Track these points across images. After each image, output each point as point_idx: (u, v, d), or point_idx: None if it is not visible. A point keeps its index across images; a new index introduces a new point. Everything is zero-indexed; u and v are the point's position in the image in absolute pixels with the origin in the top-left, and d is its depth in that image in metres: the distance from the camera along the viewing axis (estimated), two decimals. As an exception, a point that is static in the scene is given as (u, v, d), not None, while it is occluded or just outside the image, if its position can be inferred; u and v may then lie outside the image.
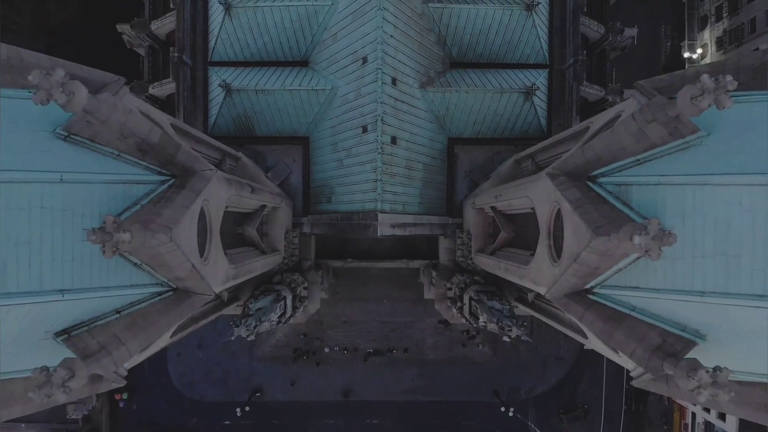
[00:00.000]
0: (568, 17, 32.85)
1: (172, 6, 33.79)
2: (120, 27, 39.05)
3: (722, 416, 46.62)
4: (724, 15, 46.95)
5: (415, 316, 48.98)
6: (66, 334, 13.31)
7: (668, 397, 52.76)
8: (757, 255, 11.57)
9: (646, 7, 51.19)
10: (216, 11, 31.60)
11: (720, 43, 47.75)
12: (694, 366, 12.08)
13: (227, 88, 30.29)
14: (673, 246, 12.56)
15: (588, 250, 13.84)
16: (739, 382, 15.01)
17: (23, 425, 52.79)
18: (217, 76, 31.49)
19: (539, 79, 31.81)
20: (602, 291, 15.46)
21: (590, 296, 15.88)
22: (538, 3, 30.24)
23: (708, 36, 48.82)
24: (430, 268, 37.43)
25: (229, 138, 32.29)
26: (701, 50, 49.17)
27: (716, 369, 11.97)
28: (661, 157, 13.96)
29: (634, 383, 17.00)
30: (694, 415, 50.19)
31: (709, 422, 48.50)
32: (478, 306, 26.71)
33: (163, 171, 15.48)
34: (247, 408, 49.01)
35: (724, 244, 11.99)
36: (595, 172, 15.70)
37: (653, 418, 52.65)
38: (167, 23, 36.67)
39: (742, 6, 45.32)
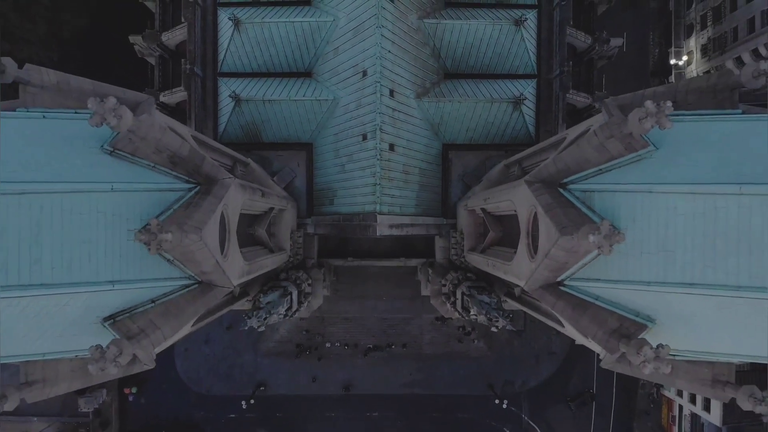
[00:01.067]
0: (554, 30, 35.38)
1: (183, 20, 36.24)
2: (132, 38, 41.53)
3: (707, 408, 49.16)
4: (709, 24, 49.49)
5: (413, 312, 51.44)
6: (112, 320, 15.81)
7: (657, 391, 55.36)
8: (687, 251, 14.05)
9: (635, 15, 53.75)
10: (225, 26, 34.09)
11: (705, 51, 50.31)
12: (641, 344, 14.60)
13: (236, 99, 32.80)
14: (624, 244, 15.15)
15: (556, 247, 16.36)
16: (688, 361, 17.55)
17: (35, 419, 55.29)
18: (226, 87, 33.99)
19: (527, 89, 34.33)
20: (571, 283, 17.97)
21: (561, 288, 18.40)
22: (526, 19, 32.78)
23: (693, 43, 51.37)
24: (426, 266, 39.84)
25: (238, 144, 34.79)
26: (687, 57, 51.73)
27: (659, 346, 14.49)
28: (619, 167, 16.48)
29: (602, 365, 19.49)
30: (681, 407, 52.73)
31: (695, 414, 51.02)
32: (469, 300, 29.24)
33: (190, 180, 17.99)
34: (252, 401, 51.46)
35: (664, 243, 14.48)
36: (565, 180, 18.21)
37: (643, 411, 55.15)
38: (177, 35, 39.18)
39: (725, 15, 47.86)
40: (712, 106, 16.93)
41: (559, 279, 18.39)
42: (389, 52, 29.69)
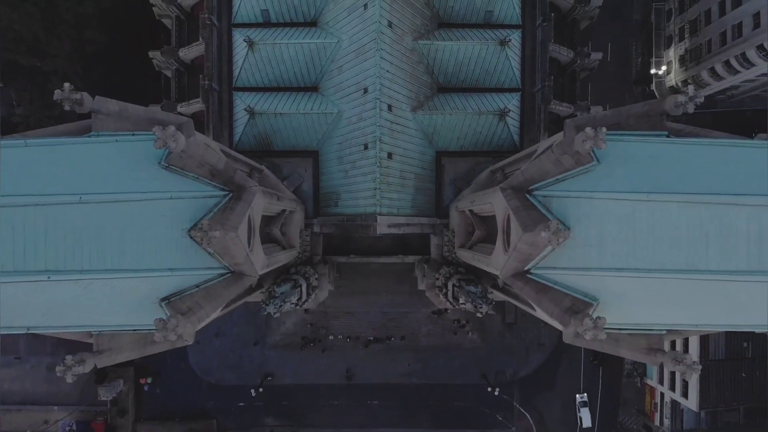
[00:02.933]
0: (537, 48, 39.85)
1: (201, 39, 40.61)
2: (152, 53, 45.92)
3: (685, 395, 53.66)
4: (686, 36, 54.00)
5: (411, 307, 55.66)
6: (167, 300, 20.24)
7: (641, 380, 59.88)
8: (616, 243, 18.43)
9: (619, 27, 58.26)
10: (240, 46, 38.54)
11: (682, 61, 54.80)
12: (583, 317, 19.06)
13: (251, 112, 37.26)
14: (572, 239, 19.64)
15: (521, 241, 20.82)
16: (630, 334, 22.02)
17: (56, 408, 59.90)
18: (241, 101, 38.44)
19: (512, 102, 38.81)
20: (536, 271, 22.42)
21: (528, 275, 22.86)
22: (510, 39, 37.27)
23: (672, 54, 55.87)
24: (422, 262, 44.23)
25: (250, 151, 39.21)
26: (666, 67, 56.22)
27: (597, 318, 18.96)
28: (571, 178, 20.91)
29: (564, 340, 23.88)
30: (662, 395, 57.21)
31: (675, 401, 55.54)
32: (458, 290, 33.71)
33: (225, 188, 22.44)
34: (261, 389, 55.89)
35: (600, 237, 18.86)
36: (531, 187, 22.67)
37: (627, 399, 59.67)
38: (193, 51, 43.59)
39: (700, 28, 52.36)
40: (646, 128, 21.35)
41: (526, 268, 22.85)
42: (387, 71, 34.16)
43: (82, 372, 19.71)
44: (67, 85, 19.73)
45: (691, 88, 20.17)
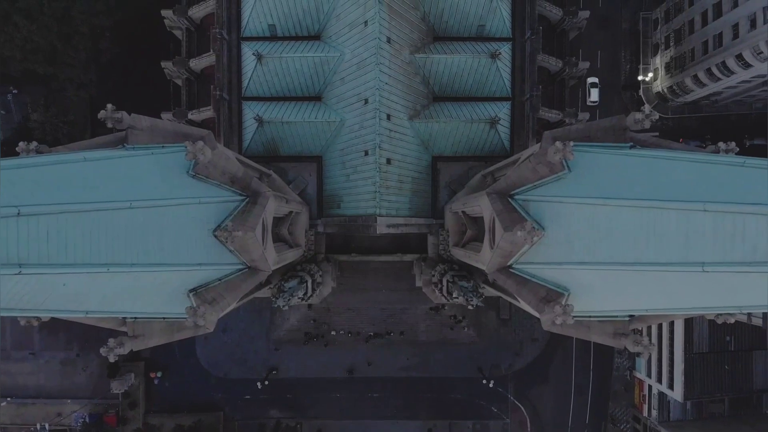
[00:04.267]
0: (526, 60, 43.24)
1: (212, 51, 43.98)
2: (164, 63, 49.34)
3: (671, 386, 57.06)
4: (671, 44, 57.39)
5: (410, 303, 59.10)
6: (194, 291, 23.62)
7: (630, 373, 63.29)
8: (581, 240, 21.78)
9: (609, 36, 61.69)
10: (249, 59, 41.95)
11: (668, 68, 58.18)
12: (554, 305, 22.47)
13: (260, 120, 40.67)
14: (547, 237, 23.03)
15: (502, 240, 24.20)
16: (599, 321, 25.44)
17: (69, 401, 63.32)
18: (250, 110, 41.85)
19: (503, 110, 42.21)
20: (516, 266, 25.82)
21: (510, 270, 26.26)
22: (500, 53, 40.65)
23: (659, 61, 59.25)
24: (420, 260, 47.62)
25: (258, 157, 42.60)
26: (652, 74, 59.63)
27: (566, 306, 22.36)
28: (546, 184, 24.27)
29: (543, 327, 27.28)
30: (650, 387, 60.64)
31: (662, 393, 58.96)
32: (452, 285, 37.12)
33: (242, 193, 25.85)
34: (267, 382, 59.29)
35: (568, 236, 22.23)
36: (513, 192, 26.05)
37: (617, 392, 63.10)
38: (203, 61, 47.04)
39: (684, 38, 55.76)
40: (612, 140, 24.72)
41: (508, 264, 26.25)
42: (386, 84, 37.57)
43: (122, 353, 23.05)
44: (109, 105, 23.10)
45: (647, 107, 23.56)
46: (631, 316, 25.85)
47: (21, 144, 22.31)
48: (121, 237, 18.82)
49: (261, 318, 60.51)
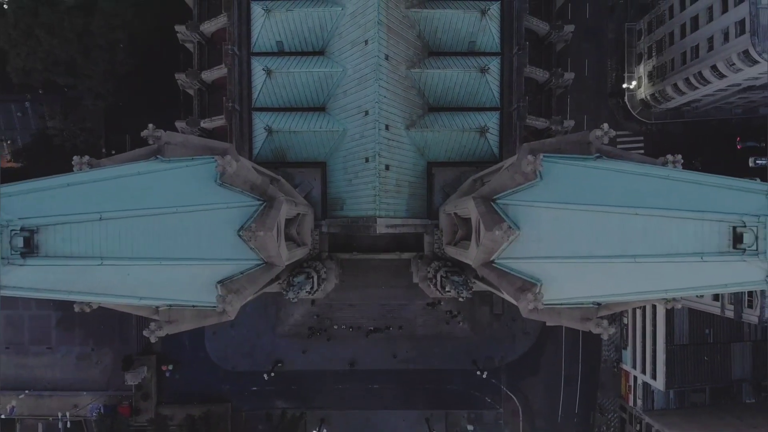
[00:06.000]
0: (514, 73, 47.86)
1: (224, 65, 48.56)
2: (177, 75, 53.91)
3: (654, 377, 61.70)
4: (654, 54, 62.07)
5: (408, 299, 63.61)
6: (221, 283, 28.20)
7: (617, 365, 67.95)
8: (549, 238, 26.46)
9: (596, 45, 66.33)
10: (258, 73, 46.54)
11: (651, 77, 62.85)
12: (526, 293, 27.08)
13: (269, 130, 45.28)
14: (521, 236, 27.66)
15: (485, 238, 28.81)
16: (569, 307, 30.08)
17: (84, 393, 67.91)
18: (260, 120, 46.45)
19: (492, 119, 46.83)
20: (498, 261, 30.37)
21: (493, 264, 30.85)
22: (489, 68, 45.29)
23: (642, 70, 63.94)
24: (417, 258, 52.21)
25: (267, 163, 47.16)
26: (636, 82, 64.31)
27: (537, 293, 26.99)
28: (521, 190, 28.86)
29: (523, 315, 31.84)
30: (635, 378, 65.29)
31: (646, 383, 63.61)
32: (445, 280, 41.74)
33: (260, 198, 30.45)
34: (273, 374, 63.89)
35: (538, 234, 26.82)
36: (495, 197, 30.65)
37: (605, 383, 67.78)
38: (214, 73, 51.66)
39: (665, 48, 60.43)
40: (578, 152, 29.32)
41: (491, 259, 30.85)
42: (385, 97, 42.18)
43: (162, 335, 27.65)
44: (150, 125, 27.66)
45: (605, 125, 28.18)
46: (597, 304, 30.53)
47: (75, 158, 26.90)
48: (170, 236, 23.41)
49: (267, 314, 65.05)
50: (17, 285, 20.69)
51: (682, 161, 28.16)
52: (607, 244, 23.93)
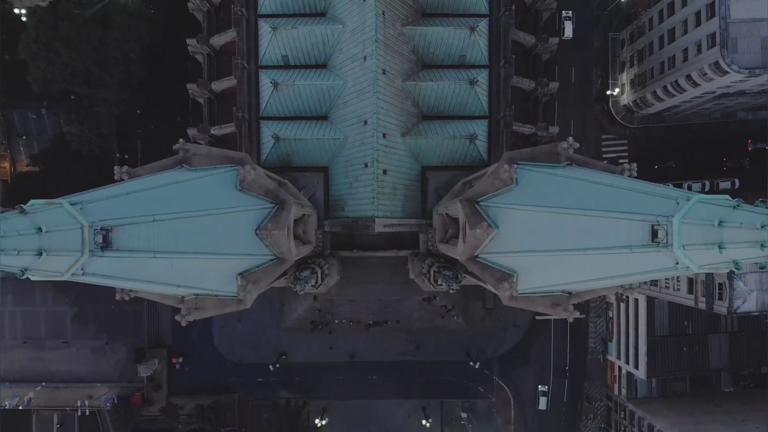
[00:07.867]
0: (501, 83, 53.02)
1: (234, 77, 53.64)
2: (189, 85, 58.98)
3: (636, 366, 66.91)
4: (635, 63, 67.25)
5: (405, 295, 68.46)
6: (241, 275, 33.30)
7: (603, 356, 73.16)
8: (522, 235, 31.55)
9: (582, 53, 71.39)
10: (266, 85, 51.65)
11: (633, 84, 68.03)
12: (503, 282, 32.23)
13: (277, 138, 50.40)
14: (500, 234, 32.83)
15: (469, 236, 33.96)
16: (542, 295, 35.25)
17: (98, 384, 72.98)
18: (268, 129, 51.60)
19: (481, 127, 52.02)
20: (481, 256, 35.50)
21: (477, 259, 36.01)
22: (477, 80, 50.45)
23: (625, 78, 69.12)
24: (413, 255, 57.31)
25: (274, 167, 52.22)
26: (619, 89, 69.50)
27: (513, 283, 32.15)
28: (501, 194, 34.01)
29: (504, 303, 36.95)
30: (620, 368, 70.53)
31: (630, 373, 68.85)
32: (437, 275, 46.93)
33: (273, 202, 35.57)
34: (278, 365, 69.01)
35: (513, 232, 32.03)
36: (478, 199, 35.79)
37: (592, 373, 73.01)
38: (224, 84, 56.77)
39: (646, 57, 65.62)
40: (550, 161, 34.48)
41: (475, 254, 36.00)
42: (382, 108, 47.32)
43: (192, 319, 32.81)
44: (181, 140, 32.81)
45: (570, 139, 33.40)
46: (568, 293, 35.71)
47: (116, 168, 32.08)
48: (204, 234, 28.59)
49: (272, 309, 70.10)
50: (96, 272, 26.10)
51: (637, 169, 33.43)
52: (564, 239, 29.14)
